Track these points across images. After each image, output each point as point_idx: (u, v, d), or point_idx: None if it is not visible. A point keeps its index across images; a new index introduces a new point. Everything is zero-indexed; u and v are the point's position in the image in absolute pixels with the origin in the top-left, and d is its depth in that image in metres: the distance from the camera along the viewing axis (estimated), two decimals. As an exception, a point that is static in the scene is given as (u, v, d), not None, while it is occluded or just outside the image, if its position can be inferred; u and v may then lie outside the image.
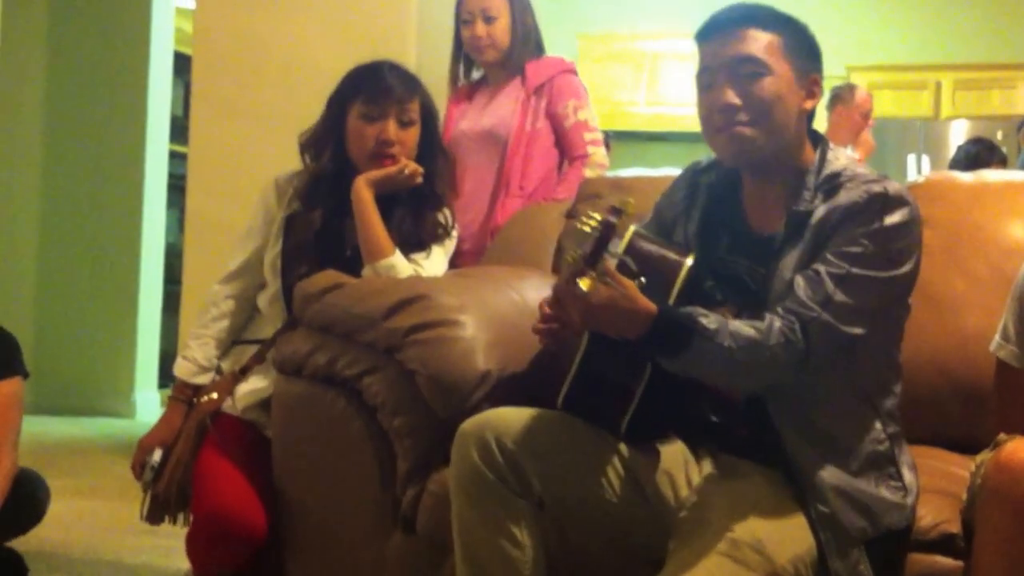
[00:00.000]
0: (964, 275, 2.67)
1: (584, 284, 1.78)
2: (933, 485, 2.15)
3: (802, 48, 2.08)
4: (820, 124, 6.08)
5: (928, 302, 2.61)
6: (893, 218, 1.97)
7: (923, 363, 2.57)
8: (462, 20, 3.99)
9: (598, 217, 1.88)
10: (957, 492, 2.12)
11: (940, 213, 2.74)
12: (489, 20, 3.95)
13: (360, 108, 2.74)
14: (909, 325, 2.17)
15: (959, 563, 2.01)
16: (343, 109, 2.77)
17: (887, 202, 1.97)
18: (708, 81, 2.08)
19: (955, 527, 2.04)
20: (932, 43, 9.00)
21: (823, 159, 2.07)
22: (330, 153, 2.78)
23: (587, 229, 1.87)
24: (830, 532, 1.94)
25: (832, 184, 2.03)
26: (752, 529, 1.86)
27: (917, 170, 8.29)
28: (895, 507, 2.00)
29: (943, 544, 2.03)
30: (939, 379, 2.59)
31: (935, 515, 2.06)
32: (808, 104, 2.08)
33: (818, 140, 2.12)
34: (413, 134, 2.78)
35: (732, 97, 2.03)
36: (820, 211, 2.00)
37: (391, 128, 2.73)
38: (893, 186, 2.00)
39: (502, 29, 3.96)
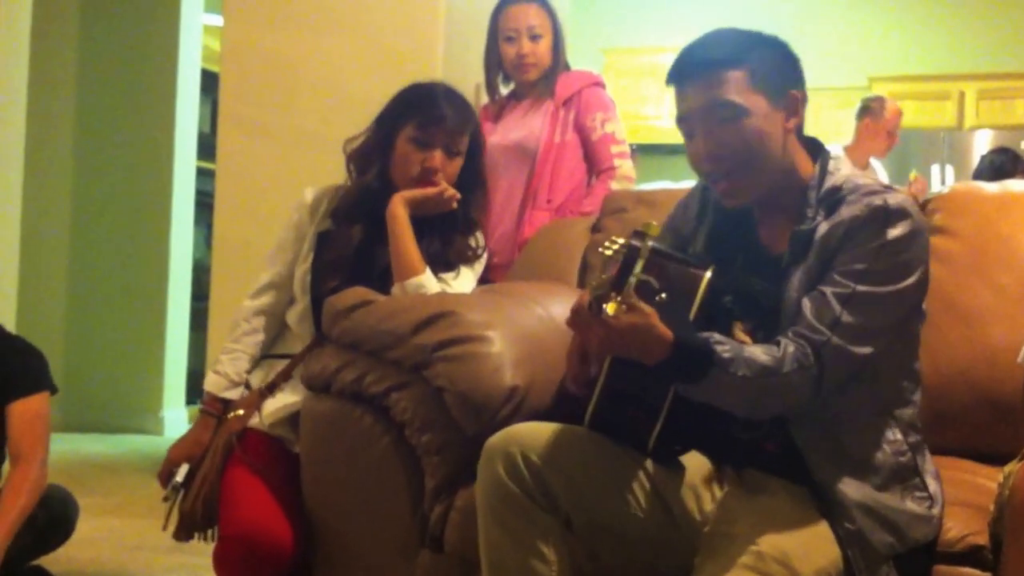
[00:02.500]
0: (990, 286, 2.66)
1: (610, 308, 1.78)
2: (960, 497, 2.15)
3: (773, 70, 2.04)
4: (847, 132, 6.09)
5: (954, 314, 2.61)
6: (896, 231, 1.95)
7: (950, 375, 2.57)
8: (505, 37, 4.01)
9: (621, 241, 1.88)
10: (985, 504, 2.11)
11: (965, 224, 2.73)
12: (535, 38, 3.98)
13: (411, 132, 2.74)
14: (935, 337, 2.17)
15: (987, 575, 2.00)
16: (394, 128, 2.77)
17: (889, 215, 1.96)
18: (687, 130, 2.07)
19: (982, 539, 2.03)
20: (955, 53, 8.98)
21: (823, 172, 2.06)
22: (376, 170, 2.79)
23: (609, 253, 1.87)
24: (857, 549, 1.93)
25: (833, 199, 2.02)
26: (778, 542, 1.86)
27: (941, 181, 8.26)
28: (922, 520, 1.99)
29: (970, 556, 2.02)
30: (966, 391, 2.58)
31: (962, 527, 2.05)
32: (791, 123, 2.05)
33: (818, 152, 2.10)
34: (458, 164, 2.78)
35: (712, 147, 2.02)
36: (823, 228, 2.00)
37: (438, 157, 2.73)
38: (894, 198, 1.98)
39: (545, 48, 3.99)
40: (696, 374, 1.89)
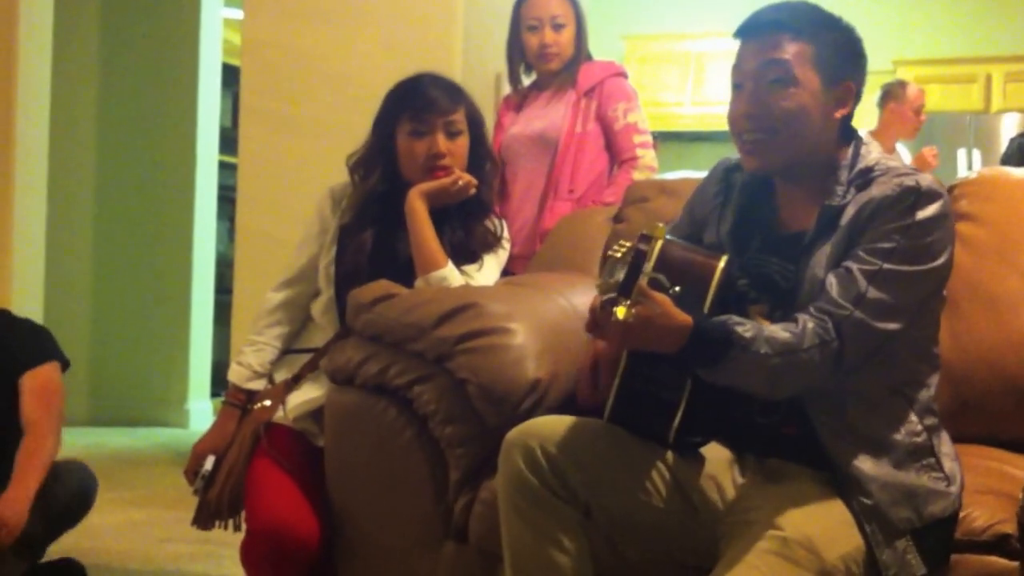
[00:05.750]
0: (1018, 272, 2.63)
1: (620, 312, 1.78)
2: (988, 485, 2.13)
3: (836, 56, 2.05)
4: (871, 121, 6.07)
5: (981, 300, 2.59)
6: (926, 212, 1.95)
7: (977, 362, 2.55)
8: (527, 27, 4.00)
9: (628, 244, 1.88)
10: (1012, 492, 2.09)
11: (993, 209, 2.70)
12: (558, 28, 3.97)
13: (407, 125, 2.75)
14: (961, 323, 2.16)
15: (1014, 564, 1.98)
16: (391, 128, 2.78)
17: (919, 196, 1.96)
18: (736, 81, 2.09)
19: (1010, 527, 2.01)
20: (981, 35, 8.92)
21: (856, 154, 2.07)
22: (380, 172, 2.79)
23: (618, 256, 1.88)
24: (875, 524, 1.93)
25: (865, 179, 2.02)
26: (802, 527, 1.86)
27: (968, 165, 8.20)
28: (939, 495, 1.98)
29: (998, 545, 2.00)
30: (993, 378, 2.55)
31: (989, 515, 2.03)
32: (839, 113, 2.06)
33: (851, 136, 2.10)
34: (462, 144, 2.78)
35: (753, 105, 2.04)
36: (852, 206, 2.00)
37: (440, 141, 2.73)
38: (925, 179, 1.98)
39: (568, 37, 3.98)
40: (717, 356, 1.89)
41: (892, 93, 6.24)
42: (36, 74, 5.41)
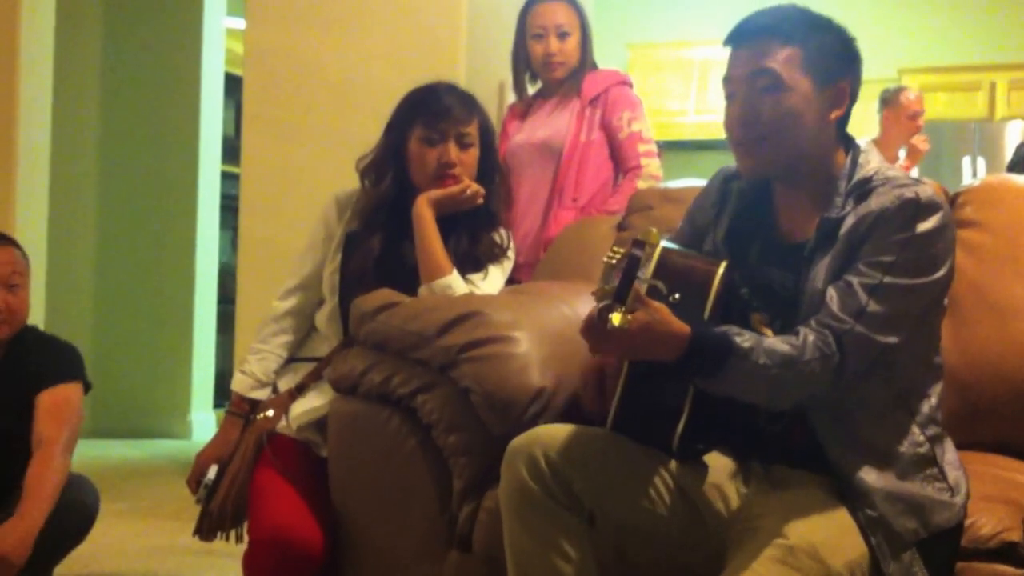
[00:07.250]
0: (1022, 279, 2.63)
1: (615, 319, 1.77)
2: (995, 493, 2.12)
3: (827, 57, 2.04)
4: (872, 128, 6.06)
5: (987, 308, 2.58)
6: (926, 225, 1.94)
7: (984, 370, 2.54)
8: (532, 35, 4.00)
9: (621, 251, 1.87)
10: (1020, 500, 2.09)
11: (998, 217, 2.70)
12: (563, 36, 3.96)
13: (420, 132, 2.76)
14: (967, 331, 2.15)
15: (1021, 572, 1.98)
16: (403, 134, 2.79)
17: (919, 208, 1.95)
18: (729, 91, 2.08)
19: (1017, 535, 2.01)
20: (985, 43, 8.91)
21: (854, 164, 2.05)
22: (391, 177, 2.79)
23: (613, 263, 1.87)
24: (881, 536, 1.92)
25: (863, 189, 2.01)
26: (807, 536, 1.85)
27: (972, 172, 8.18)
28: (943, 505, 1.97)
29: (1004, 553, 2.00)
30: (1000, 386, 2.55)
31: (996, 523, 2.02)
32: (834, 114, 2.05)
33: (850, 144, 2.10)
34: (473, 155, 2.79)
35: (746, 112, 2.03)
36: (851, 218, 1.99)
37: (452, 150, 2.75)
38: (925, 191, 1.97)
39: (573, 45, 3.98)
40: (715, 366, 1.88)
41: (887, 100, 6.24)
42: (38, 85, 5.41)
